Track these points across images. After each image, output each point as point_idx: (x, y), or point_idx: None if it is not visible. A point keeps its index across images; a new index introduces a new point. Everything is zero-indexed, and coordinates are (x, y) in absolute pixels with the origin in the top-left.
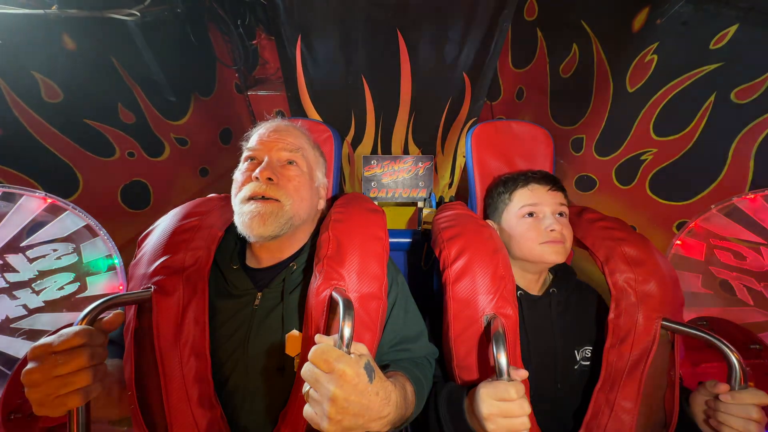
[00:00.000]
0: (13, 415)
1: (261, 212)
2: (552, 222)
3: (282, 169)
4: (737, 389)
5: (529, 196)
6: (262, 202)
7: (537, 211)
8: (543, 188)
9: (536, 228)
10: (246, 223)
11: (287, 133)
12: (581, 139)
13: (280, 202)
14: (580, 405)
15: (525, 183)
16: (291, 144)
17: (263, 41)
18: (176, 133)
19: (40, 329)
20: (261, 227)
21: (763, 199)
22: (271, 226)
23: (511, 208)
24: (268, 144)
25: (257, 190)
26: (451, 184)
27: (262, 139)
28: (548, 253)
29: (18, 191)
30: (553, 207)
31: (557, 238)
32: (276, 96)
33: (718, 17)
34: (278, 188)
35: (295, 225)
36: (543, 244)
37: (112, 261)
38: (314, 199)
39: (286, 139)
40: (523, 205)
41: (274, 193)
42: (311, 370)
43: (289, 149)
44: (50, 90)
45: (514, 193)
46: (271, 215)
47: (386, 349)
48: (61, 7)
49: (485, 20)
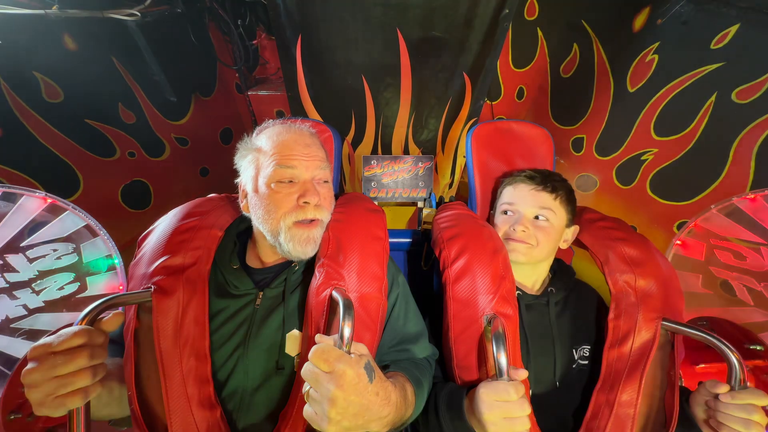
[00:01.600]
0: (13, 415)
1: (313, 236)
2: (519, 221)
3: (320, 187)
4: (737, 389)
5: (510, 195)
6: (311, 227)
7: (512, 210)
8: (527, 187)
9: (506, 224)
10: (298, 249)
11: (316, 146)
12: (582, 138)
13: (322, 221)
14: (579, 404)
15: (512, 181)
16: (322, 159)
17: (264, 41)
18: (177, 133)
19: (40, 329)
20: (312, 249)
21: (763, 199)
22: (316, 245)
23: (498, 205)
24: (306, 164)
25: (308, 215)
26: (451, 184)
27: (298, 157)
28: (510, 250)
29: (18, 191)
30: (531, 209)
31: (520, 238)
32: (276, 96)
33: (719, 17)
34: (320, 209)
35: None
36: (507, 240)
37: (112, 261)
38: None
39: (318, 154)
40: (503, 202)
41: (318, 215)
42: (311, 370)
43: (323, 166)
44: (51, 90)
45: (503, 190)
46: (318, 236)
47: (386, 349)
48: (61, 8)
49: (486, 20)
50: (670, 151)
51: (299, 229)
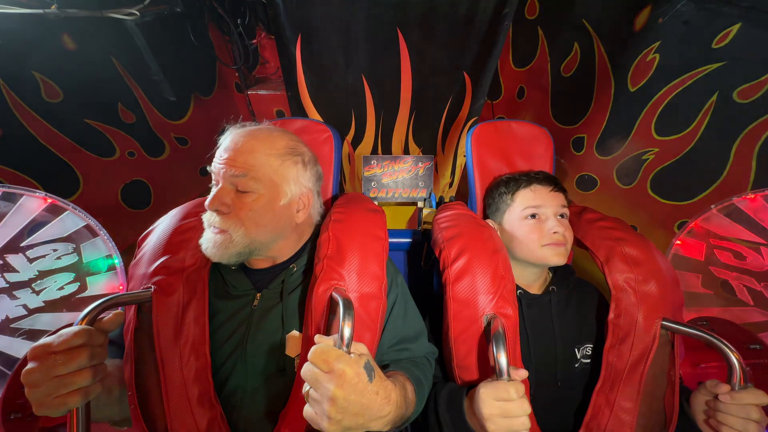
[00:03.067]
0: (13, 415)
1: (216, 242)
2: (555, 224)
3: (235, 195)
4: (737, 389)
5: (531, 198)
6: (216, 233)
7: (539, 213)
8: (545, 189)
9: (539, 230)
10: (205, 251)
11: (240, 150)
12: (582, 138)
13: (229, 233)
14: (580, 404)
15: (528, 184)
16: (242, 166)
17: (263, 40)
18: (176, 132)
19: (40, 329)
20: (216, 256)
21: (763, 199)
22: (228, 253)
23: (514, 209)
24: (219, 169)
25: (210, 220)
26: (451, 184)
27: (216, 161)
28: (550, 255)
29: (18, 191)
30: (554, 208)
31: (560, 240)
32: (276, 95)
33: (720, 16)
34: (227, 219)
35: (257, 249)
36: (545, 246)
37: (112, 261)
38: (279, 219)
39: (236, 159)
40: (526, 206)
41: (222, 225)
42: (311, 370)
43: (239, 173)
44: (50, 90)
45: (516, 193)
46: (221, 246)
47: (386, 349)
48: (60, 7)
49: (486, 19)
50: (670, 151)
51: (207, 230)
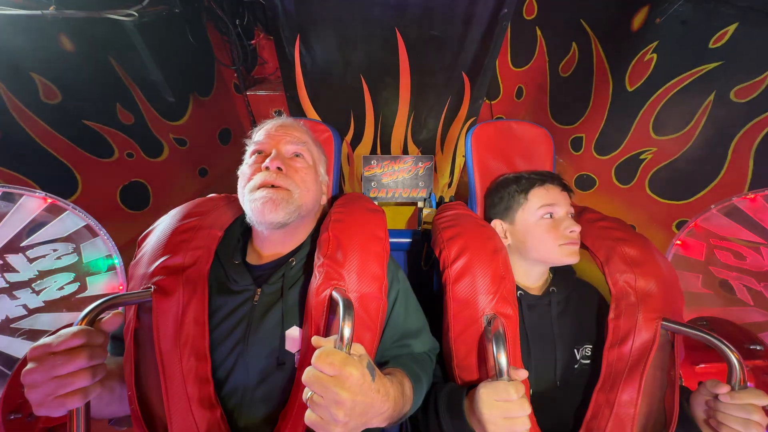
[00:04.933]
0: (13, 415)
1: (273, 198)
2: (571, 223)
3: (290, 160)
4: (737, 389)
5: (546, 196)
6: (274, 190)
7: (555, 212)
8: (557, 188)
9: (556, 229)
10: (258, 209)
11: (293, 128)
12: (581, 138)
13: (290, 191)
14: (580, 404)
15: (542, 182)
16: (297, 138)
17: (262, 41)
18: (175, 133)
19: (40, 329)
20: (272, 213)
21: (763, 199)
22: (282, 212)
23: (528, 208)
24: (276, 137)
25: (268, 179)
26: (450, 184)
27: (269, 133)
28: (567, 254)
29: (18, 191)
30: (567, 208)
31: (576, 239)
32: (275, 96)
33: (718, 16)
34: (287, 178)
35: (302, 215)
36: (563, 245)
37: (112, 261)
38: (318, 192)
39: (292, 133)
40: (543, 204)
41: (283, 182)
42: (316, 375)
43: (296, 142)
44: (48, 91)
45: (531, 191)
46: (282, 201)
47: (388, 345)
48: (58, 8)
49: (484, 19)
50: (668, 151)
51: (258, 191)
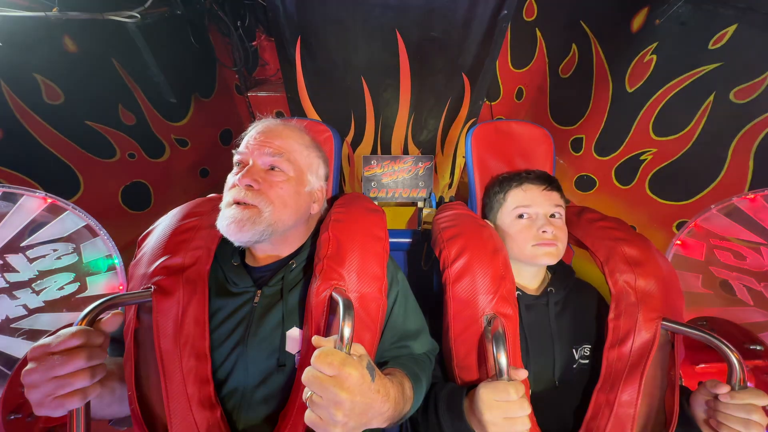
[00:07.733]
0: (13, 415)
1: (239, 218)
2: (544, 224)
3: (266, 173)
4: (737, 389)
5: (522, 197)
6: (242, 208)
7: (530, 213)
8: (537, 188)
9: (528, 229)
10: (224, 228)
11: (275, 134)
12: (581, 139)
13: (258, 209)
14: (579, 404)
15: (519, 183)
16: (277, 148)
17: (263, 42)
18: (177, 134)
19: (40, 329)
20: (239, 233)
21: (763, 199)
22: (249, 233)
23: (505, 208)
24: (253, 148)
25: (237, 196)
26: (451, 184)
27: (248, 143)
28: (540, 254)
29: (18, 191)
30: (546, 208)
31: (549, 240)
32: (276, 97)
33: (717, 17)
34: (258, 194)
35: (277, 231)
36: (535, 245)
37: (112, 261)
38: (302, 204)
39: (272, 142)
40: (517, 205)
41: (253, 200)
42: (315, 375)
43: (273, 153)
44: (51, 91)
45: (508, 192)
46: (248, 222)
47: (387, 346)
48: (61, 10)
49: (484, 21)
50: (668, 151)
51: (229, 209)
